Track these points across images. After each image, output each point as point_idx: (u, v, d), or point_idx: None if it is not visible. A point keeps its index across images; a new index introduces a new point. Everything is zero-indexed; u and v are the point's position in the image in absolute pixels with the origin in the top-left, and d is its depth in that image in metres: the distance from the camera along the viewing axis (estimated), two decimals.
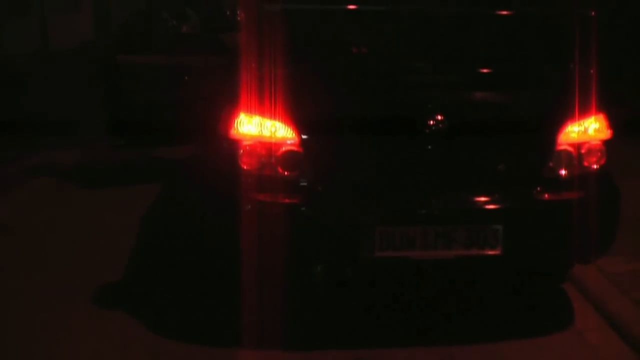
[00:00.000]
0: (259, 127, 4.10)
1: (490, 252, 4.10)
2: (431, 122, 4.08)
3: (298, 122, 4.08)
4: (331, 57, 4.56)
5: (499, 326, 4.50)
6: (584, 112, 4.25)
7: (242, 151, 4.12)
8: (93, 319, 4.53)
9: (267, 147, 4.10)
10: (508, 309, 4.73)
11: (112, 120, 8.52)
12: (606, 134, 4.31)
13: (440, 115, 4.09)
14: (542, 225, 4.20)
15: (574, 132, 4.24)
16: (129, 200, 6.84)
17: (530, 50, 4.63)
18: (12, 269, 5.28)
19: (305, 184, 4.12)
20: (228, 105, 4.32)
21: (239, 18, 5.60)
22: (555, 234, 4.23)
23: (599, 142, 4.28)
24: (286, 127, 4.08)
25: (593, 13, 4.48)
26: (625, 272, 5.01)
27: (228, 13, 7.39)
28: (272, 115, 4.08)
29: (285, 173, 4.10)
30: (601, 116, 4.30)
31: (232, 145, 4.16)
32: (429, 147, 4.14)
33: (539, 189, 4.21)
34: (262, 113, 4.10)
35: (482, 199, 4.16)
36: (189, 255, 5.49)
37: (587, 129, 4.26)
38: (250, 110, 4.13)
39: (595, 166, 4.28)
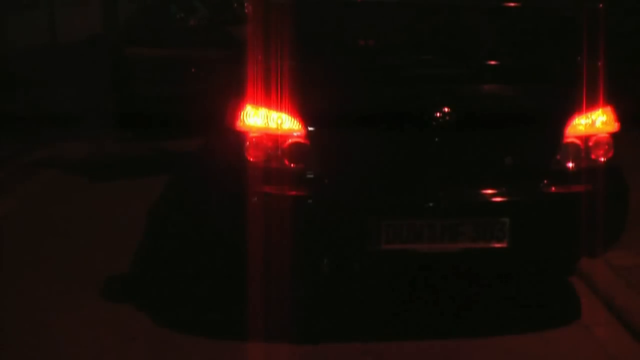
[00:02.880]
0: (265, 119, 4.09)
1: (497, 245, 4.09)
2: (438, 115, 4.08)
3: (304, 114, 4.08)
4: (338, 50, 4.56)
5: (505, 319, 4.49)
6: (592, 105, 4.23)
7: (248, 143, 4.11)
8: (100, 312, 4.54)
9: (274, 139, 4.09)
10: (515, 302, 4.72)
11: (120, 112, 8.53)
12: (614, 126, 4.29)
13: (448, 108, 4.08)
14: (549, 218, 4.19)
15: (581, 124, 4.22)
16: (136, 192, 6.84)
17: (538, 43, 4.61)
18: (19, 262, 5.29)
19: (311, 176, 4.11)
20: (235, 98, 4.32)
21: (246, 10, 5.60)
22: (563, 227, 4.22)
23: (607, 135, 4.27)
24: (293, 119, 4.07)
25: (600, 5, 4.46)
26: (633, 266, 4.99)
27: (235, 5, 7.39)
28: (279, 108, 4.07)
29: (292, 165, 4.09)
30: (609, 109, 4.28)
31: (239, 137, 4.15)
32: (436, 139, 4.13)
33: (546, 181, 4.20)
34: (268, 105, 4.10)
35: (489, 191, 4.15)
36: (196, 247, 5.49)
37: (594, 122, 4.24)
38: (256, 103, 4.12)
39: (602, 159, 4.26)
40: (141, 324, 4.38)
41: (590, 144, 4.24)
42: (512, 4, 4.63)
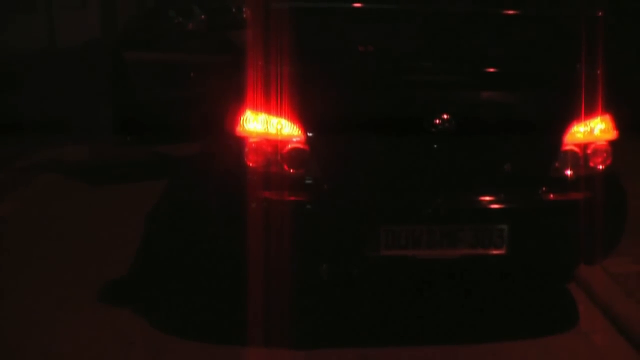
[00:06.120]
0: (265, 125, 4.10)
1: (496, 252, 4.10)
2: (437, 121, 4.08)
3: (304, 119, 4.08)
4: (337, 55, 4.55)
5: (503, 326, 4.50)
6: (590, 113, 4.24)
7: (248, 148, 4.12)
8: (97, 316, 4.53)
9: (273, 145, 4.10)
10: (513, 309, 4.73)
11: (118, 117, 8.52)
12: (612, 134, 4.30)
13: (447, 115, 4.09)
14: (547, 225, 4.20)
15: (580, 132, 4.23)
16: (135, 197, 6.84)
17: (537, 50, 4.62)
18: (16, 266, 5.28)
19: (311, 181, 4.11)
20: (234, 103, 4.32)
21: (245, 15, 5.60)
22: (561, 234, 4.23)
23: (605, 143, 4.28)
24: (292, 125, 4.07)
25: (600, 13, 4.47)
26: (631, 273, 4.99)
27: (233, 10, 7.38)
28: (279, 113, 4.08)
29: (291, 171, 4.10)
30: (607, 116, 4.29)
31: (238, 142, 4.16)
32: (435, 146, 4.14)
33: (544, 189, 4.21)
34: (268, 110, 4.10)
35: (488, 198, 4.16)
36: (194, 252, 5.49)
37: (593, 130, 4.25)
38: (256, 108, 4.13)
39: (601, 166, 4.27)
40: (140, 328, 4.38)
41: (589, 151, 4.25)
42: (511, 11, 4.64)
